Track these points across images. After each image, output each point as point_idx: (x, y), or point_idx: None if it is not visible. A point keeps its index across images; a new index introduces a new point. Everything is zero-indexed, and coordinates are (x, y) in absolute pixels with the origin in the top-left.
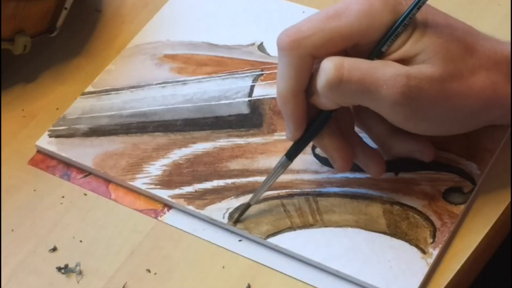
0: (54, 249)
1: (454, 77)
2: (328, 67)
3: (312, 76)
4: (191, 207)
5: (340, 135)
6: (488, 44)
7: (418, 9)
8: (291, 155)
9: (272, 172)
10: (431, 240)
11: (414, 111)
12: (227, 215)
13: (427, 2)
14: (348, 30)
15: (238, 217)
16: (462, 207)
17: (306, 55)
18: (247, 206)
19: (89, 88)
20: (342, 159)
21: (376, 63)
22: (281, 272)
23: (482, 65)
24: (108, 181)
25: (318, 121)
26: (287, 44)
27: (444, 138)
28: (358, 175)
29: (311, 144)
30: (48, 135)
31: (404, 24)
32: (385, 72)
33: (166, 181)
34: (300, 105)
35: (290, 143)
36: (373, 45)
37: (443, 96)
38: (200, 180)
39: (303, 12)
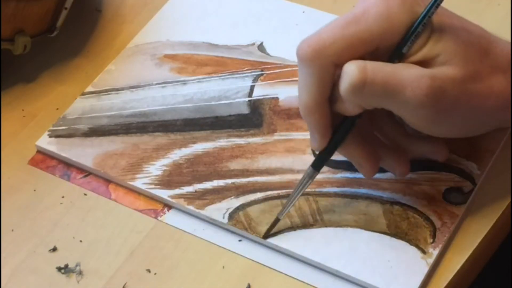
0: (54, 249)
1: (474, 78)
2: (352, 70)
3: (334, 83)
4: (191, 207)
5: (363, 141)
6: (501, 46)
7: (437, 7)
8: (317, 165)
9: (299, 184)
10: (431, 240)
11: (437, 113)
12: (227, 215)
13: (442, 5)
14: (368, 34)
15: (267, 232)
16: (462, 207)
17: (328, 64)
18: (275, 221)
19: (89, 88)
20: (370, 165)
21: (399, 66)
22: (281, 272)
23: (498, 66)
24: (108, 181)
25: (343, 128)
26: (309, 55)
27: (445, 138)
28: (358, 175)
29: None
30: (48, 135)
31: (424, 23)
32: (409, 73)
33: (166, 181)
34: (325, 114)
35: (291, 143)
36: (392, 49)
37: (465, 97)
38: (200, 180)
39: (303, 12)
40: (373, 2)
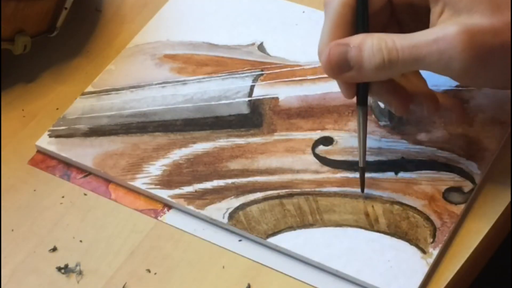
0: (54, 249)
1: (506, 24)
2: (378, 51)
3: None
4: (191, 207)
5: (394, 81)
6: None
7: None
8: (362, 101)
9: (359, 126)
10: (431, 240)
11: (478, 66)
12: (227, 215)
13: None
14: None
15: (362, 184)
16: (462, 207)
17: (339, 6)
18: (362, 170)
19: (89, 88)
20: (400, 100)
21: (421, 34)
22: (281, 272)
23: None
24: (108, 181)
25: None
26: None
27: (444, 138)
28: (358, 175)
29: (311, 144)
30: (48, 135)
31: None
32: (427, 40)
33: (166, 181)
34: None
35: (290, 143)
36: (405, 4)
37: (504, 45)
38: (200, 180)
39: (303, 12)
40: None
